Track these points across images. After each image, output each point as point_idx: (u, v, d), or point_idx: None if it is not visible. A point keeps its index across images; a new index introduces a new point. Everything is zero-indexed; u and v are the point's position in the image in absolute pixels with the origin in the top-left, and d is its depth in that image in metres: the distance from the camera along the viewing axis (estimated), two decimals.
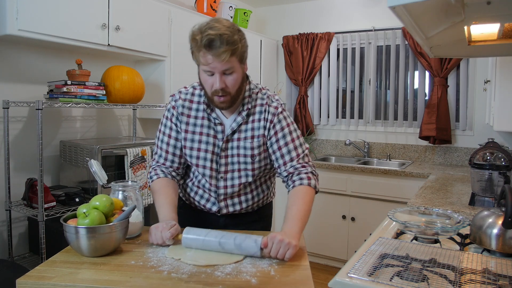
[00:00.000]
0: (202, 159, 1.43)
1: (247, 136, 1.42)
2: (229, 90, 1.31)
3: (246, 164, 1.43)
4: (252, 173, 1.44)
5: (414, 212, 1.55)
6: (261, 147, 1.43)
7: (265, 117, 1.42)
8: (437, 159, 3.52)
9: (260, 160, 1.44)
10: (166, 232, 1.24)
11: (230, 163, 1.44)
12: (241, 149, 1.42)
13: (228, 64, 1.26)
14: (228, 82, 1.29)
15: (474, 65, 3.33)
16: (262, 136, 1.42)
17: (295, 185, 1.38)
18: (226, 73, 1.28)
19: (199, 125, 1.44)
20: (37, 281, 1.04)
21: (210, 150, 1.43)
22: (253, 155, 1.42)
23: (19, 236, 2.25)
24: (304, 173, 1.40)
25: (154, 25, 2.65)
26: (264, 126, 1.42)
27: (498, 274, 1.05)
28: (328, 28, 3.92)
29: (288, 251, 1.14)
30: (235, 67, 1.29)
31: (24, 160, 2.26)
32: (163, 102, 2.79)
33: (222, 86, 1.29)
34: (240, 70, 1.32)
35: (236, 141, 1.42)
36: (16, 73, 2.21)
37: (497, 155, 1.86)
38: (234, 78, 1.30)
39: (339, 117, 3.99)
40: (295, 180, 1.39)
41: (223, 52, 1.21)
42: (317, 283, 1.76)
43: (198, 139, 1.43)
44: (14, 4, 1.84)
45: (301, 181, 1.38)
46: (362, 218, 3.23)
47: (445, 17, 1.31)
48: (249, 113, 1.42)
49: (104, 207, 1.22)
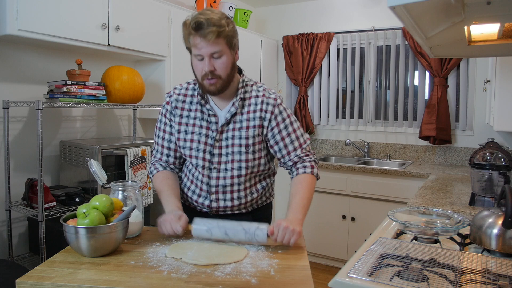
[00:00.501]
0: (195, 150, 1.46)
1: (242, 126, 1.44)
2: (218, 73, 1.34)
3: (240, 154, 1.44)
4: (245, 164, 1.45)
5: (414, 212, 1.55)
6: (256, 137, 1.45)
7: (262, 108, 1.45)
8: (437, 159, 3.52)
9: (254, 152, 1.45)
10: (177, 225, 1.29)
11: (224, 154, 1.45)
12: (236, 139, 1.44)
13: (216, 46, 1.30)
14: (217, 65, 1.33)
15: (474, 65, 3.33)
16: (258, 127, 1.45)
17: (298, 172, 1.47)
18: (215, 56, 1.32)
19: (192, 117, 1.47)
20: (37, 281, 1.04)
21: (203, 141, 1.45)
22: (247, 145, 1.44)
23: (19, 236, 2.25)
24: (308, 162, 1.49)
25: (154, 25, 2.65)
26: (262, 117, 1.44)
27: (498, 274, 1.05)
28: (328, 28, 3.92)
29: (293, 237, 1.24)
30: (223, 50, 1.32)
31: (24, 160, 2.26)
32: (163, 102, 2.78)
33: (211, 69, 1.32)
34: (229, 55, 1.35)
35: (231, 131, 1.44)
36: (16, 73, 2.21)
37: (497, 155, 1.86)
38: (223, 61, 1.33)
39: (339, 117, 3.99)
40: (299, 167, 1.48)
41: (209, 32, 1.27)
42: (317, 283, 1.76)
43: (191, 130, 1.47)
44: (14, 4, 1.84)
45: (305, 169, 1.47)
46: (362, 218, 3.23)
47: (445, 17, 1.31)
48: (243, 104, 1.45)
49: (104, 207, 1.22)
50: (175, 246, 1.27)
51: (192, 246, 1.27)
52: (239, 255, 1.20)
